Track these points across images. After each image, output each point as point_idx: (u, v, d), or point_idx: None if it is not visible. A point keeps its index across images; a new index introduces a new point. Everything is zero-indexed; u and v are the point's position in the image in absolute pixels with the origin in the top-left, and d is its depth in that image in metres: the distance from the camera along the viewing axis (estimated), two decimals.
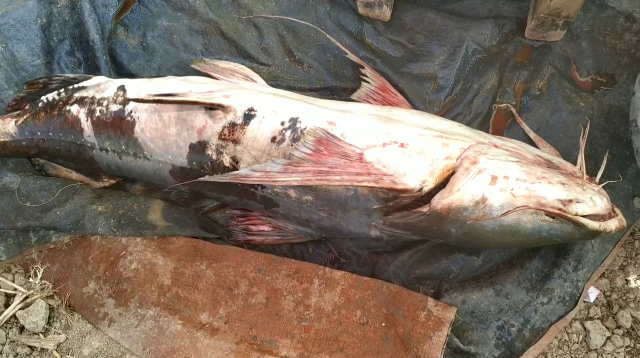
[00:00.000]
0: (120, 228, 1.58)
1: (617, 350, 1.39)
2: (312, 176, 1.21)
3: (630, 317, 1.41)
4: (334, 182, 1.21)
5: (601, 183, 1.29)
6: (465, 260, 1.51)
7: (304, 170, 1.23)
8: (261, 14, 1.80)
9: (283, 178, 1.21)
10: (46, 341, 1.55)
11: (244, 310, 1.51)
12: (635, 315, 1.41)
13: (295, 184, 1.22)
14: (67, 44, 1.81)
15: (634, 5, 1.66)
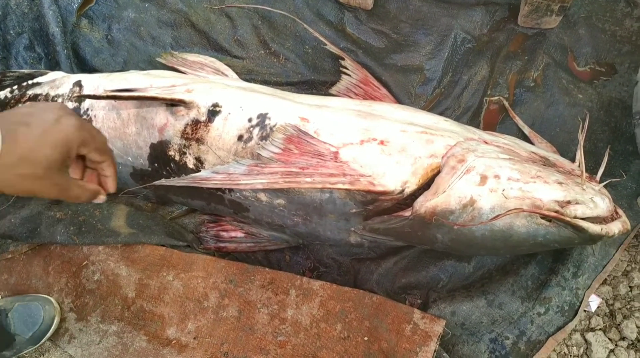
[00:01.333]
0: (80, 236, 1.46)
1: None
2: (279, 178, 1.09)
3: (635, 327, 1.29)
4: (304, 184, 1.08)
5: (602, 182, 1.17)
6: (455, 267, 1.38)
7: (270, 171, 1.10)
8: (234, 4, 1.68)
9: (247, 181, 1.09)
10: None
11: (214, 324, 1.39)
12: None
13: (260, 187, 1.09)
14: (25, 38, 1.68)
15: None
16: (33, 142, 0.71)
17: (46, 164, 0.72)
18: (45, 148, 0.72)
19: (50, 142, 0.72)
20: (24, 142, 0.70)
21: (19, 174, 0.70)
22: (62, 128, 0.74)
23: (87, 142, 0.78)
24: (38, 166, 0.71)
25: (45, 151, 0.72)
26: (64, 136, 0.74)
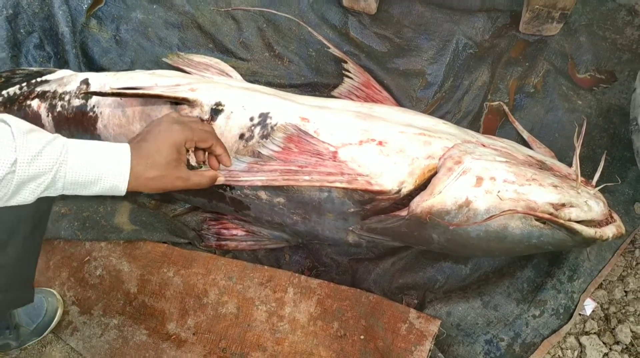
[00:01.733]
0: (84, 231, 1.49)
1: None
2: (278, 176, 1.11)
3: (630, 331, 1.30)
4: (303, 182, 1.11)
5: (598, 186, 1.18)
6: (452, 269, 1.40)
7: (270, 169, 1.12)
8: (240, 6, 1.71)
9: (247, 178, 1.11)
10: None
11: (213, 320, 1.41)
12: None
13: (259, 184, 1.12)
14: (36, 36, 1.72)
15: None
16: (152, 151, 0.91)
17: (166, 165, 0.91)
18: (161, 153, 0.91)
19: (163, 148, 0.92)
20: (146, 153, 0.90)
21: (149, 178, 0.90)
22: (168, 134, 0.93)
23: (189, 137, 0.96)
24: (160, 168, 0.91)
25: (162, 156, 0.91)
26: (171, 140, 0.93)
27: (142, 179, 0.90)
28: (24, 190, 0.82)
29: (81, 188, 0.87)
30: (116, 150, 0.88)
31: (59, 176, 0.84)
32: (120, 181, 0.87)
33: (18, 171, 0.81)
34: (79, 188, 0.87)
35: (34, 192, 0.83)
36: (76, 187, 0.87)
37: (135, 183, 0.89)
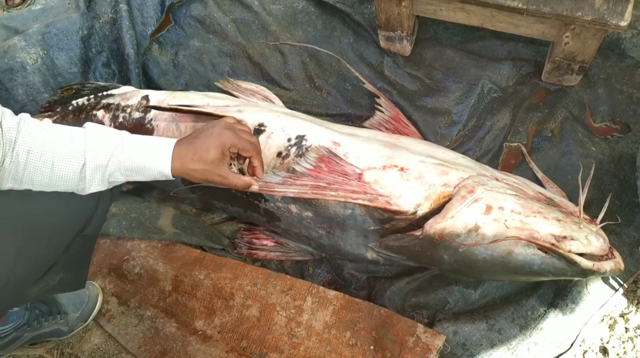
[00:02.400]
0: (130, 231, 1.65)
1: None
2: (308, 189, 1.25)
3: None
4: (329, 197, 1.24)
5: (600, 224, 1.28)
6: (462, 293, 1.50)
7: (302, 183, 1.27)
8: (287, 41, 1.89)
9: (281, 189, 1.26)
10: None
11: (237, 321, 1.54)
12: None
13: (291, 195, 1.26)
14: (104, 56, 1.93)
15: None
16: (201, 149, 1.05)
17: (210, 162, 1.05)
18: (209, 152, 1.05)
19: (211, 148, 1.06)
20: (195, 149, 1.04)
21: (194, 169, 1.05)
22: (219, 137, 1.08)
23: (235, 144, 1.09)
24: (205, 164, 1.05)
25: (209, 154, 1.05)
26: (220, 143, 1.07)
27: (187, 169, 1.04)
28: (95, 178, 0.99)
29: (136, 173, 1.03)
30: (163, 143, 1.05)
31: (118, 163, 1.00)
32: (165, 168, 1.03)
33: (88, 159, 0.98)
34: (134, 174, 1.04)
35: (103, 179, 1.00)
36: (132, 173, 1.03)
37: (182, 171, 1.04)
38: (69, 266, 1.26)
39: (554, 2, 1.40)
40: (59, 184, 1.01)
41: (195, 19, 1.99)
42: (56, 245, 1.13)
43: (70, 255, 1.21)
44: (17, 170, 0.98)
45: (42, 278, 1.19)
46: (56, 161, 0.98)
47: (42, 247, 1.09)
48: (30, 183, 1.00)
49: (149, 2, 1.99)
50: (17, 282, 1.08)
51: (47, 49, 1.80)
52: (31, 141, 0.97)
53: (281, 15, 1.94)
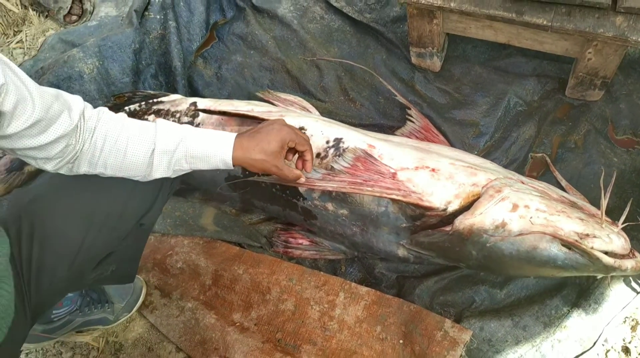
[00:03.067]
0: (174, 228, 1.76)
1: None
2: (346, 185, 1.35)
3: None
4: (366, 192, 1.34)
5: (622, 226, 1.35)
6: (488, 292, 1.57)
7: (340, 180, 1.37)
8: (324, 57, 2.02)
9: (321, 184, 1.36)
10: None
11: (273, 314, 1.63)
12: None
13: (330, 189, 1.36)
14: (153, 68, 2.08)
15: None
16: (263, 141, 1.15)
17: (270, 153, 1.15)
18: (270, 144, 1.15)
19: (273, 140, 1.16)
20: (257, 141, 1.15)
21: (254, 159, 1.15)
22: (279, 132, 1.18)
23: (293, 139, 1.19)
24: (265, 155, 1.15)
25: (270, 146, 1.15)
26: (280, 137, 1.17)
27: (248, 159, 1.14)
28: (162, 163, 1.10)
29: (200, 161, 1.13)
30: (226, 135, 1.15)
31: (185, 149, 1.11)
32: (227, 156, 1.13)
33: (157, 144, 1.09)
34: (198, 162, 1.14)
35: (170, 165, 1.11)
36: (196, 160, 1.13)
37: (243, 160, 1.14)
38: (122, 259, 1.37)
39: (577, 19, 1.50)
40: (129, 169, 1.11)
41: (237, 36, 2.14)
42: (117, 233, 1.23)
43: (125, 247, 1.31)
44: (94, 154, 1.09)
45: (98, 267, 1.29)
46: (129, 146, 1.09)
47: (105, 234, 1.19)
48: (104, 166, 1.10)
49: (195, 20, 2.15)
50: (79, 267, 1.18)
51: (102, 60, 1.96)
52: (108, 128, 1.09)
53: (318, 33, 2.07)
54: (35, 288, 1.13)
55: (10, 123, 0.91)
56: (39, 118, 0.94)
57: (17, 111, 0.90)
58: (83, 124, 1.06)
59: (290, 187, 1.54)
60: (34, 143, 0.97)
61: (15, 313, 1.03)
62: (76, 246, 1.16)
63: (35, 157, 1.03)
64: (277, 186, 1.58)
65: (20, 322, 1.09)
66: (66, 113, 1.01)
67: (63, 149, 1.03)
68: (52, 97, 0.98)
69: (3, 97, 0.86)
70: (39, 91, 0.95)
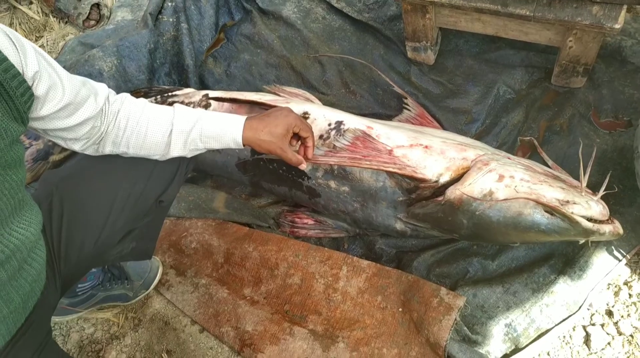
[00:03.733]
0: (188, 211, 1.89)
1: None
2: (346, 160, 1.48)
3: (631, 326, 1.52)
4: (364, 165, 1.47)
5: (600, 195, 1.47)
6: (481, 263, 1.68)
7: (341, 155, 1.50)
8: (326, 54, 2.16)
9: (324, 159, 1.49)
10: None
11: (281, 288, 1.74)
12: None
13: (332, 163, 1.49)
14: (166, 67, 2.22)
15: None
16: (272, 124, 1.24)
17: (277, 135, 1.24)
18: (277, 127, 1.24)
19: (280, 124, 1.25)
20: (266, 123, 1.24)
21: (262, 139, 1.23)
22: (286, 117, 1.27)
23: (298, 125, 1.28)
24: (272, 136, 1.23)
25: (277, 129, 1.24)
26: (287, 121, 1.26)
27: (256, 139, 1.23)
28: (179, 142, 1.21)
29: (213, 140, 1.24)
30: (237, 117, 1.26)
31: (200, 130, 1.22)
32: (237, 136, 1.22)
33: (175, 125, 1.21)
34: (211, 141, 1.24)
35: (185, 144, 1.22)
36: (209, 140, 1.23)
37: (251, 140, 1.23)
38: (141, 236, 1.48)
39: (557, 9, 1.63)
40: (149, 148, 1.23)
41: (245, 36, 2.29)
42: (138, 210, 1.33)
43: (144, 225, 1.43)
44: (117, 134, 1.20)
45: (119, 243, 1.40)
46: (149, 127, 1.20)
47: (127, 211, 1.29)
48: (127, 146, 1.21)
49: (205, 23, 2.30)
50: (104, 242, 1.29)
51: (120, 59, 2.10)
52: (130, 111, 1.20)
53: (320, 32, 2.22)
54: (64, 260, 1.24)
55: (44, 106, 1.01)
56: (68, 102, 1.04)
57: (49, 95, 1.00)
58: (108, 107, 1.17)
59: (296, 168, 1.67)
60: (63, 124, 1.08)
61: (47, 280, 1.14)
62: (102, 223, 1.27)
63: (65, 138, 1.14)
64: (283, 168, 1.71)
65: (51, 289, 1.20)
66: (92, 98, 1.12)
67: (90, 131, 1.15)
68: (80, 84, 1.09)
69: (37, 83, 0.97)
70: (69, 77, 1.06)
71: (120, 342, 1.76)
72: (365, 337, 1.62)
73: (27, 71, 0.93)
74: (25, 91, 0.92)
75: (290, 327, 1.66)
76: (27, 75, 0.93)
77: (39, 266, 1.10)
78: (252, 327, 1.67)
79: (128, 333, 1.77)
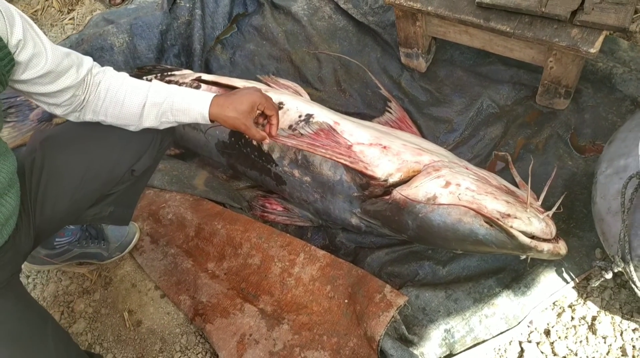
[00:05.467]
0: (170, 184, 2.00)
1: None
2: (304, 144, 1.56)
3: (566, 348, 1.53)
4: (319, 152, 1.55)
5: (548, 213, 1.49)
6: (432, 268, 1.72)
7: (301, 140, 1.58)
8: (325, 51, 2.23)
9: (285, 139, 1.58)
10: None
11: (241, 266, 1.83)
12: (572, 348, 1.53)
13: (290, 144, 1.58)
14: (176, 49, 2.35)
15: None
16: (237, 101, 1.33)
17: (241, 112, 1.32)
18: (242, 104, 1.32)
19: (245, 101, 1.33)
20: (232, 100, 1.32)
21: (228, 116, 1.31)
22: (251, 95, 1.35)
23: (262, 103, 1.37)
24: (237, 113, 1.32)
25: (242, 106, 1.32)
26: (251, 99, 1.34)
27: (222, 115, 1.31)
28: (151, 113, 1.31)
29: (182, 114, 1.32)
30: (206, 94, 1.33)
31: (171, 103, 1.31)
32: (204, 110, 1.30)
33: (149, 98, 1.31)
34: (180, 114, 1.32)
35: (157, 116, 1.32)
36: (179, 113, 1.32)
37: (217, 116, 1.31)
38: (119, 202, 1.58)
39: (537, 29, 1.65)
40: (125, 118, 1.33)
41: (254, 27, 2.39)
42: (112, 176, 1.43)
43: (121, 192, 1.53)
44: (97, 104, 1.31)
45: (96, 206, 1.52)
46: (126, 98, 1.30)
47: (102, 175, 1.41)
48: (105, 114, 1.33)
49: (219, 11, 2.42)
50: (78, 201, 1.41)
51: (132, 37, 2.24)
52: (110, 82, 1.31)
53: (324, 30, 2.30)
54: (40, 210, 1.36)
55: (25, 71, 1.14)
56: (49, 70, 1.16)
57: (32, 62, 1.13)
58: (90, 79, 1.29)
59: (265, 154, 1.76)
60: (44, 90, 1.20)
61: (21, 225, 1.27)
62: (77, 181, 1.39)
63: (47, 102, 1.26)
64: (255, 153, 1.80)
65: (24, 234, 1.32)
66: (74, 69, 1.24)
67: (70, 98, 1.26)
68: (63, 55, 1.21)
69: (20, 50, 1.09)
70: (53, 48, 1.18)
71: (90, 297, 1.90)
72: (309, 323, 1.69)
73: (12, 39, 1.06)
74: (5, 55, 1.05)
75: (242, 304, 1.75)
76: (10, 43, 1.06)
77: (7, 211, 1.21)
78: (206, 298, 1.77)
79: (98, 289, 1.90)
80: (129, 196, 1.63)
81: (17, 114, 2.05)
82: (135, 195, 1.67)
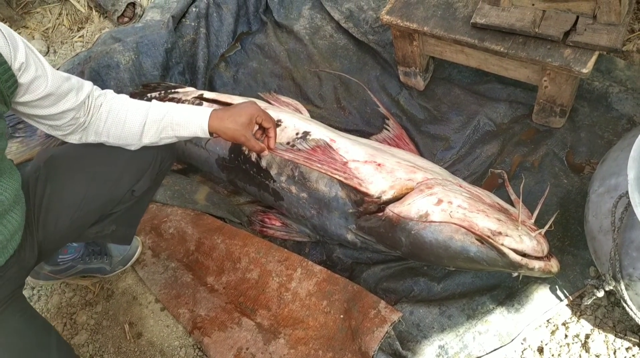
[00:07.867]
0: (172, 199, 2.04)
1: None
2: (301, 159, 1.60)
3: None
4: (315, 167, 1.58)
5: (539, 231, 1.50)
6: (427, 284, 1.74)
7: (297, 154, 1.62)
8: (326, 69, 2.28)
9: (282, 152, 1.62)
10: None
11: (240, 281, 1.86)
12: None
13: (286, 158, 1.62)
14: (181, 66, 2.41)
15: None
16: (236, 114, 1.38)
17: (240, 124, 1.37)
18: (241, 117, 1.38)
19: (243, 114, 1.38)
20: (231, 113, 1.38)
21: (227, 127, 1.36)
22: (249, 108, 1.41)
23: (260, 115, 1.42)
24: (236, 125, 1.37)
25: (241, 118, 1.38)
26: (250, 112, 1.40)
27: (222, 127, 1.36)
28: (151, 129, 1.35)
29: (181, 128, 1.36)
30: (204, 108, 1.39)
31: (171, 118, 1.35)
32: (204, 123, 1.35)
33: (149, 116, 1.36)
34: (180, 128, 1.36)
35: (157, 131, 1.36)
36: (179, 127, 1.36)
37: (217, 128, 1.36)
38: (122, 222, 1.62)
39: (530, 49, 1.68)
40: (127, 137, 1.37)
41: (257, 46, 2.45)
42: (112, 196, 1.48)
43: (123, 211, 1.57)
44: (99, 125, 1.36)
45: (99, 224, 1.55)
46: (128, 117, 1.35)
47: (103, 195, 1.45)
48: (107, 135, 1.37)
49: (224, 30, 2.47)
50: (80, 219, 1.45)
51: (138, 54, 2.30)
52: (112, 104, 1.36)
53: (325, 49, 2.35)
54: (42, 227, 1.40)
55: (26, 93, 1.19)
56: (49, 92, 1.21)
57: (32, 85, 1.18)
58: (91, 102, 1.34)
59: (263, 170, 1.79)
60: (45, 112, 1.25)
61: (24, 240, 1.32)
62: (78, 200, 1.43)
63: (47, 124, 1.30)
64: (254, 169, 1.84)
65: (27, 249, 1.36)
66: (74, 92, 1.28)
67: (70, 121, 1.31)
68: (63, 79, 1.25)
69: (22, 73, 1.14)
70: (53, 73, 1.23)
71: (92, 309, 1.93)
72: (305, 337, 1.71)
73: (15, 62, 1.11)
74: (9, 77, 1.11)
75: (240, 318, 1.77)
76: (14, 65, 1.11)
77: (12, 228, 1.25)
78: (205, 312, 1.80)
79: (100, 301, 1.94)
80: (131, 216, 1.67)
81: (25, 129, 2.11)
82: (137, 216, 1.70)
